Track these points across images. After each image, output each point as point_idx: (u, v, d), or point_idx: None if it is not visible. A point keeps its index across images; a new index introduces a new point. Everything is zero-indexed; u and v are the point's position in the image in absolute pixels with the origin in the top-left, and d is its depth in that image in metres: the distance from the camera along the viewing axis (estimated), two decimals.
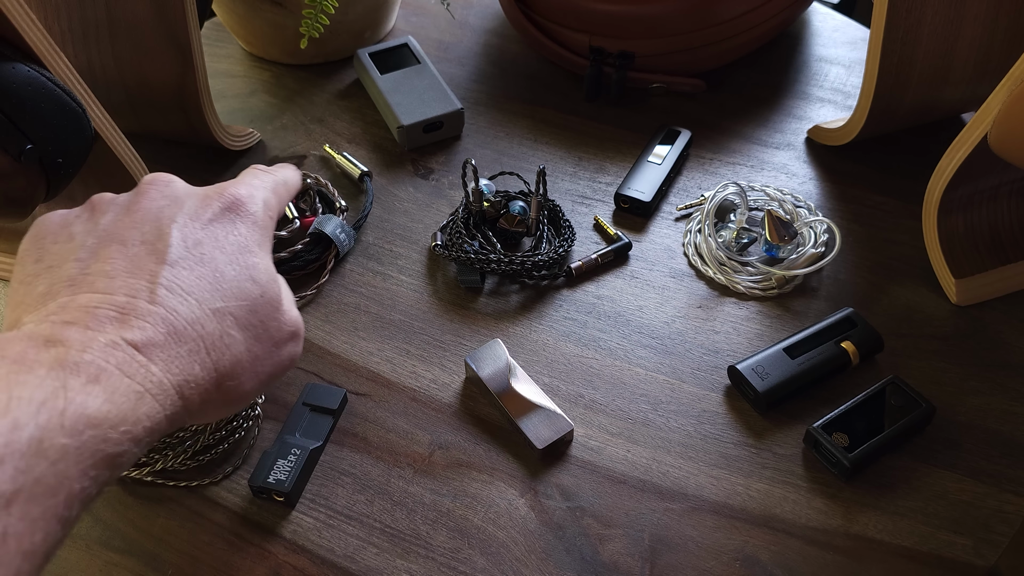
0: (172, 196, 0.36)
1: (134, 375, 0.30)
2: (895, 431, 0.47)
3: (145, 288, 0.32)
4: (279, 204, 0.41)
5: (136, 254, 0.33)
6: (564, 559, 0.44)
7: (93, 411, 0.28)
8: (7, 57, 0.44)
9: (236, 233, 0.36)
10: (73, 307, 0.31)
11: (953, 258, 0.56)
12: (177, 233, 0.34)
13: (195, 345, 0.32)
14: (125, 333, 0.30)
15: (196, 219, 0.35)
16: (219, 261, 0.34)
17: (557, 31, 0.71)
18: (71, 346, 0.29)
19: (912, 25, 0.55)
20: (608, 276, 0.58)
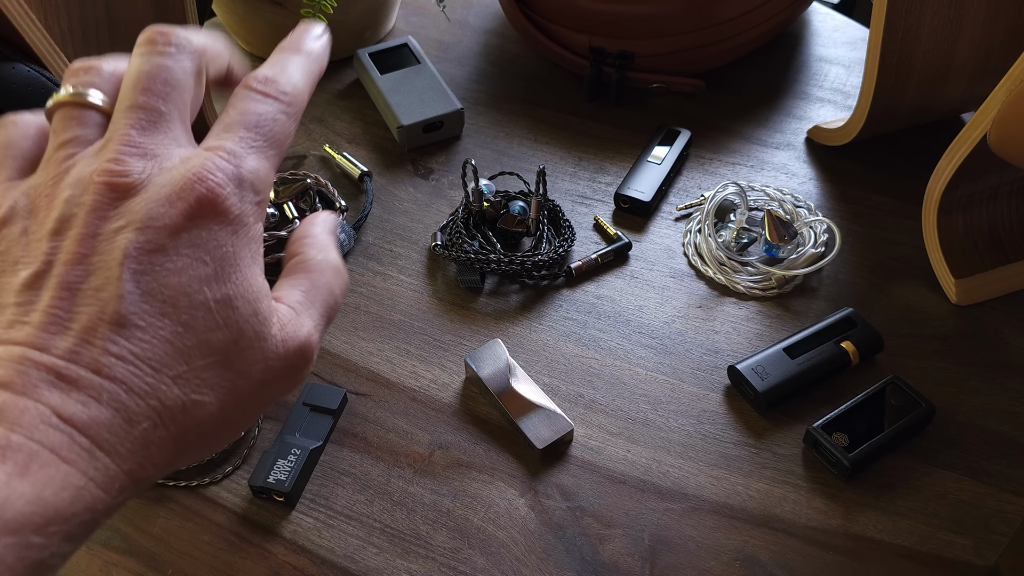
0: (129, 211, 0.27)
1: (74, 461, 0.24)
2: (895, 431, 0.47)
3: (87, 353, 0.25)
4: (279, 155, 0.31)
5: (80, 303, 0.26)
6: (564, 559, 0.44)
7: (13, 513, 0.23)
8: (7, 57, 0.44)
9: (206, 251, 0.27)
10: (6, 360, 0.25)
11: (953, 258, 0.56)
12: (128, 275, 0.26)
13: (150, 423, 0.26)
14: (63, 407, 0.25)
15: (154, 241, 0.27)
16: (181, 307, 0.27)
17: (557, 31, 0.71)
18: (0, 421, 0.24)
19: (912, 25, 0.55)
20: (608, 276, 0.58)
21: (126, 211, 0.27)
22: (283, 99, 0.31)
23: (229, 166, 0.28)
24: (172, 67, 0.29)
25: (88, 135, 0.30)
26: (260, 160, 0.29)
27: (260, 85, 0.30)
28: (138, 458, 0.26)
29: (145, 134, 0.28)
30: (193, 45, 0.30)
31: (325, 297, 0.32)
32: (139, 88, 0.29)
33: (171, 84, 0.29)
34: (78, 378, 0.25)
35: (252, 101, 0.30)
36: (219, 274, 0.28)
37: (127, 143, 0.28)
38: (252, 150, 0.29)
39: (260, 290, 0.29)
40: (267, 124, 0.30)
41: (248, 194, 0.29)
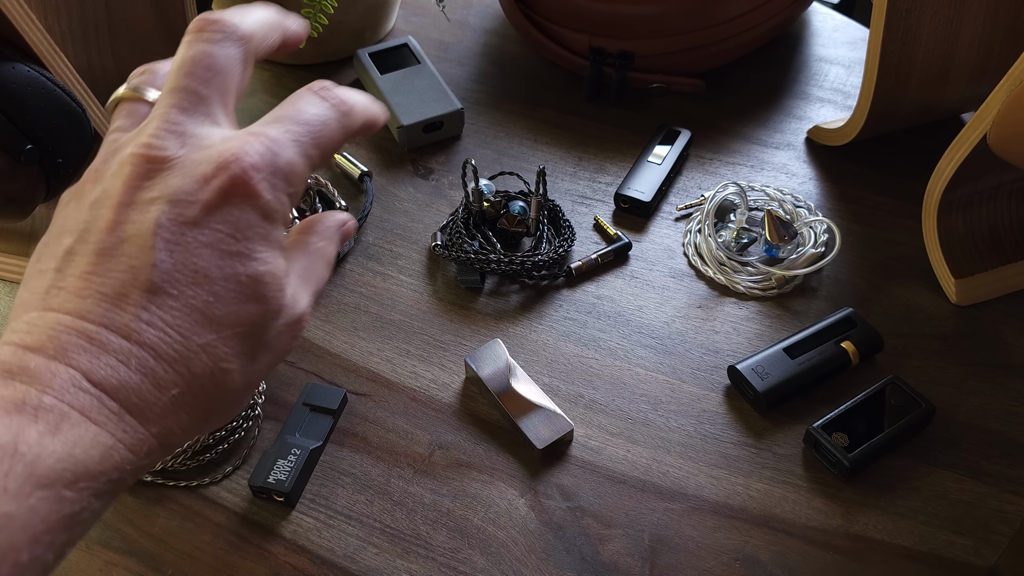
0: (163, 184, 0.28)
1: (103, 423, 0.25)
2: (895, 431, 0.47)
3: (119, 319, 0.26)
4: (321, 158, 0.31)
5: (113, 269, 0.27)
6: (564, 559, 0.44)
7: (45, 470, 0.24)
8: (7, 57, 0.44)
9: (237, 230, 0.28)
10: (40, 327, 0.26)
11: (953, 258, 0.56)
12: (161, 245, 0.27)
13: (179, 390, 0.27)
14: (93, 371, 0.26)
15: (187, 214, 0.28)
16: (213, 278, 0.28)
17: (557, 31, 0.71)
18: (31, 383, 0.25)
19: (912, 25, 0.55)
20: (608, 276, 0.58)
21: (161, 183, 0.28)
22: (341, 108, 0.31)
23: (268, 152, 0.29)
24: (216, 53, 0.30)
25: (137, 123, 0.31)
26: (300, 155, 0.29)
27: (322, 91, 0.31)
28: (167, 422, 0.27)
29: (185, 114, 0.29)
30: (240, 31, 0.31)
31: (316, 281, 0.33)
32: (183, 72, 0.30)
33: (213, 69, 0.30)
34: (108, 342, 0.26)
35: (308, 101, 0.31)
36: (249, 252, 0.28)
37: (166, 121, 0.29)
38: (295, 144, 0.29)
39: (283, 269, 0.30)
40: (317, 125, 0.30)
41: (280, 183, 0.29)
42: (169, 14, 0.56)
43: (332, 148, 0.31)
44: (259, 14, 0.32)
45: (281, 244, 0.30)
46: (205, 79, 0.30)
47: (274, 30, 0.33)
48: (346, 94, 0.32)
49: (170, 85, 0.30)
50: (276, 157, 0.29)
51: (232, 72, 0.30)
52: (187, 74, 0.30)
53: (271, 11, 0.33)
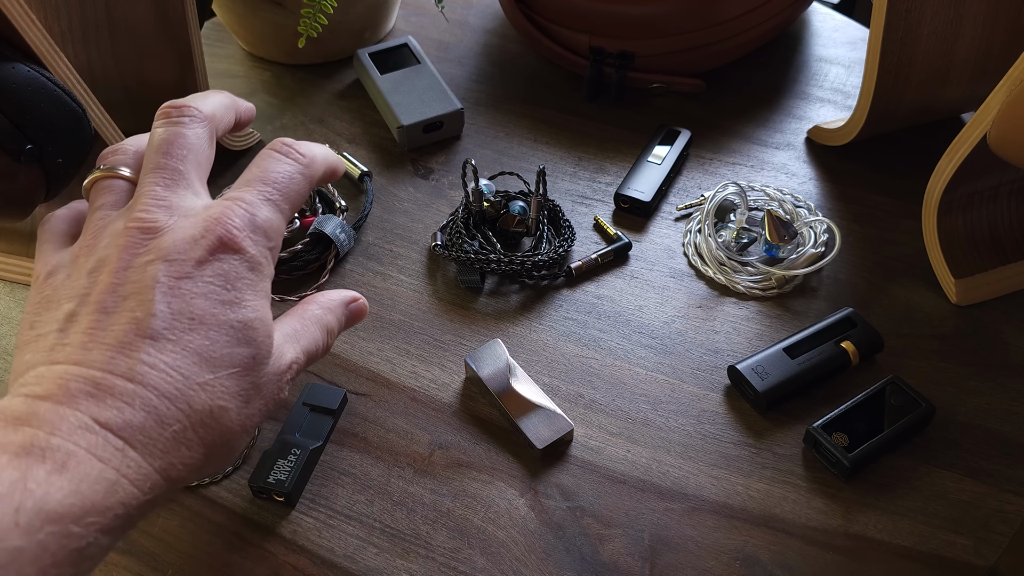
0: (157, 247, 0.31)
1: (108, 459, 0.27)
2: (895, 431, 0.47)
3: (124, 363, 0.28)
4: (292, 208, 0.35)
5: (115, 322, 0.29)
6: (564, 559, 0.44)
7: (54, 505, 0.25)
8: (7, 57, 0.44)
9: (227, 280, 0.31)
10: (48, 378, 0.28)
11: (953, 258, 0.56)
12: (160, 297, 0.29)
13: (180, 425, 0.29)
14: (100, 413, 0.27)
15: (181, 269, 0.30)
16: (208, 324, 0.30)
17: (557, 31, 0.71)
18: (40, 427, 0.26)
19: (912, 25, 0.55)
20: (608, 276, 0.58)
21: (155, 247, 0.31)
22: (301, 161, 0.35)
23: (246, 213, 0.32)
24: (187, 134, 0.34)
25: (119, 200, 0.34)
26: (274, 212, 0.33)
27: (282, 147, 0.35)
28: (169, 457, 0.28)
29: (168, 189, 0.32)
30: (203, 113, 0.35)
31: (308, 342, 0.36)
32: (160, 152, 0.33)
33: (187, 147, 0.34)
34: (113, 386, 0.28)
35: (272, 160, 0.34)
36: (239, 300, 0.31)
37: (152, 197, 0.32)
38: (268, 202, 0.33)
39: (271, 319, 0.33)
40: (283, 181, 0.34)
41: (261, 239, 0.33)
42: (169, 14, 0.56)
43: (300, 198, 0.35)
44: (216, 99, 0.36)
45: (267, 295, 0.33)
46: (181, 157, 0.33)
47: (229, 111, 0.37)
48: (306, 148, 0.36)
49: (151, 165, 0.33)
50: (254, 217, 0.32)
51: (203, 149, 0.34)
52: (165, 153, 0.33)
53: (224, 96, 0.37)
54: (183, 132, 0.34)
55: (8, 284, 0.59)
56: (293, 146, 0.35)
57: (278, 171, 0.34)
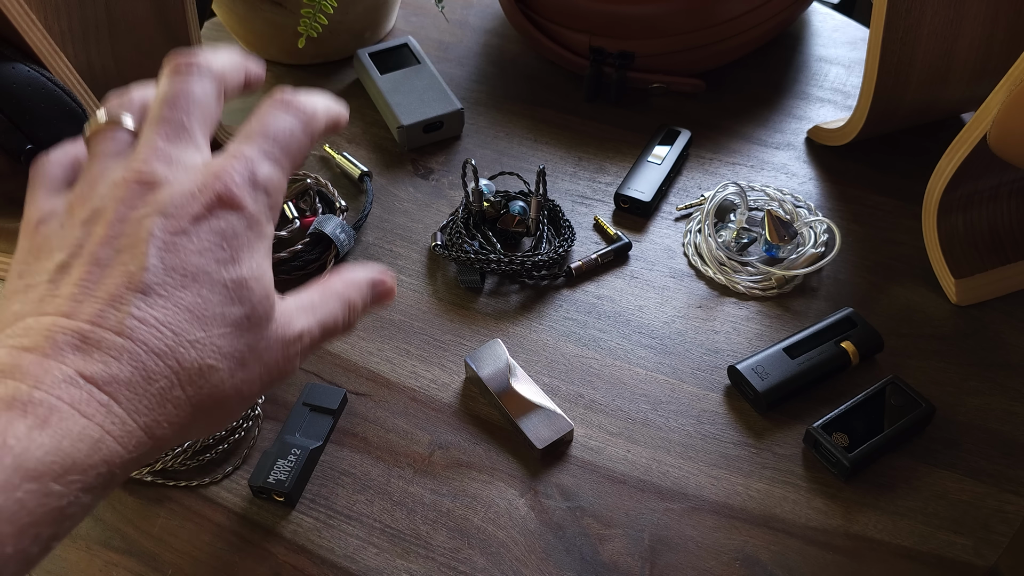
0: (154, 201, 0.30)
1: (92, 415, 0.26)
2: (895, 431, 0.47)
3: (113, 317, 0.28)
4: (293, 163, 0.34)
5: (107, 276, 0.29)
6: (564, 559, 0.44)
7: (34, 462, 0.24)
8: (7, 57, 0.44)
9: (224, 238, 0.30)
10: (36, 330, 0.27)
11: (953, 258, 0.56)
12: (154, 251, 0.29)
13: (167, 382, 0.28)
14: (86, 367, 0.27)
15: (178, 225, 0.30)
16: (201, 282, 0.29)
17: (557, 31, 0.71)
18: (23, 379, 0.26)
19: (912, 25, 0.55)
20: (608, 276, 0.58)
21: (152, 200, 0.30)
22: (302, 116, 0.34)
23: (246, 170, 0.31)
24: (194, 88, 0.33)
25: (120, 150, 0.33)
26: (274, 168, 0.32)
27: (284, 97, 0.34)
28: (154, 414, 0.28)
29: (169, 142, 0.31)
30: (213, 70, 0.34)
31: (325, 315, 0.34)
32: (166, 104, 0.32)
33: (193, 101, 0.33)
34: (101, 340, 0.27)
35: (273, 114, 0.33)
36: (236, 258, 0.31)
37: (153, 148, 0.31)
38: (268, 157, 0.32)
39: (271, 279, 0.32)
40: (284, 136, 0.33)
41: (261, 195, 0.32)
42: (169, 14, 0.56)
43: (302, 153, 0.34)
44: (226, 56, 0.35)
45: (266, 254, 0.32)
46: (187, 110, 0.32)
47: (239, 70, 0.36)
48: (307, 102, 0.34)
49: (155, 116, 0.32)
50: (254, 173, 0.31)
51: (210, 105, 0.33)
52: (170, 106, 0.32)
53: (235, 54, 0.36)
54: (192, 86, 0.33)
55: None
56: (294, 100, 0.34)
57: (279, 126, 0.33)
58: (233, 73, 0.35)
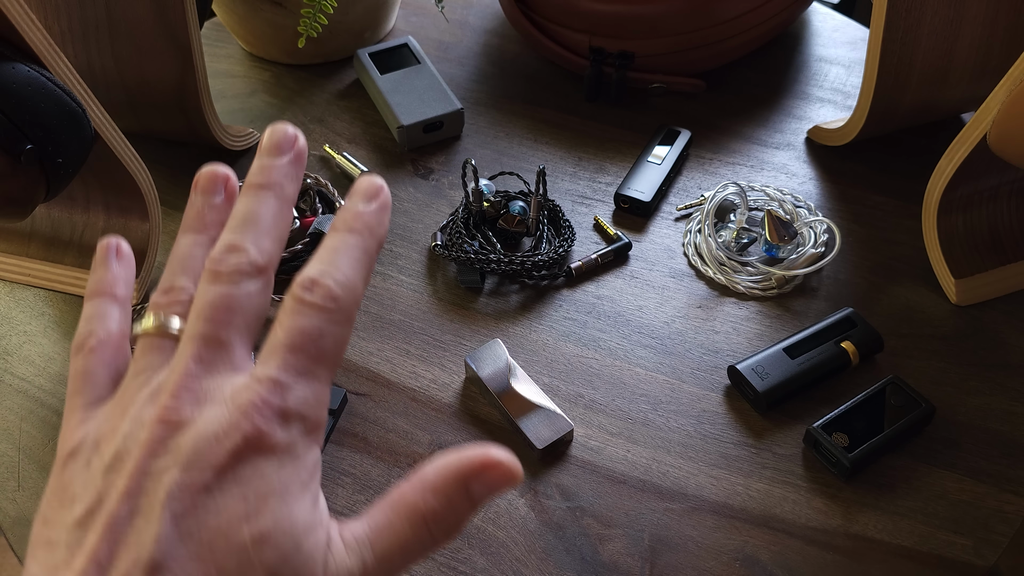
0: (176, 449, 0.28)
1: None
2: (895, 431, 0.47)
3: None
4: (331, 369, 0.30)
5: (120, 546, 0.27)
6: (564, 559, 0.44)
7: None
8: (7, 57, 0.44)
9: (249, 487, 0.27)
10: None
11: (953, 258, 0.56)
12: (168, 518, 0.27)
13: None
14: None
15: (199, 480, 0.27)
16: (217, 548, 0.27)
17: (557, 31, 0.71)
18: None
19: (912, 25, 0.55)
20: (608, 276, 0.58)
21: (174, 448, 0.28)
22: (330, 306, 0.29)
23: (275, 400, 0.28)
24: (235, 294, 0.30)
25: (163, 362, 0.31)
26: (308, 387, 0.29)
27: (305, 293, 0.29)
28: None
29: (203, 365, 0.29)
30: (260, 262, 0.30)
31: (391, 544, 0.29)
32: (203, 317, 0.29)
33: (233, 310, 0.30)
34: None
35: (297, 315, 0.29)
36: (259, 510, 0.27)
37: (184, 375, 0.29)
38: (299, 377, 0.29)
39: (307, 523, 0.28)
40: (313, 342, 0.29)
41: (296, 424, 0.28)
42: (169, 14, 0.56)
43: (341, 349, 0.30)
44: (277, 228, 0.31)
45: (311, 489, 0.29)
46: (225, 322, 0.30)
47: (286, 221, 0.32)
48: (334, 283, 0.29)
49: (190, 331, 0.30)
50: (284, 402, 0.28)
51: (252, 308, 0.30)
52: (207, 319, 0.29)
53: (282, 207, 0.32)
54: (231, 292, 0.30)
55: (8, 284, 0.59)
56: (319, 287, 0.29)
57: (304, 330, 0.29)
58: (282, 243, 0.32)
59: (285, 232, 0.32)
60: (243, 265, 0.30)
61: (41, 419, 0.51)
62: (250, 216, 0.31)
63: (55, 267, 0.58)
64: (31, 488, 0.48)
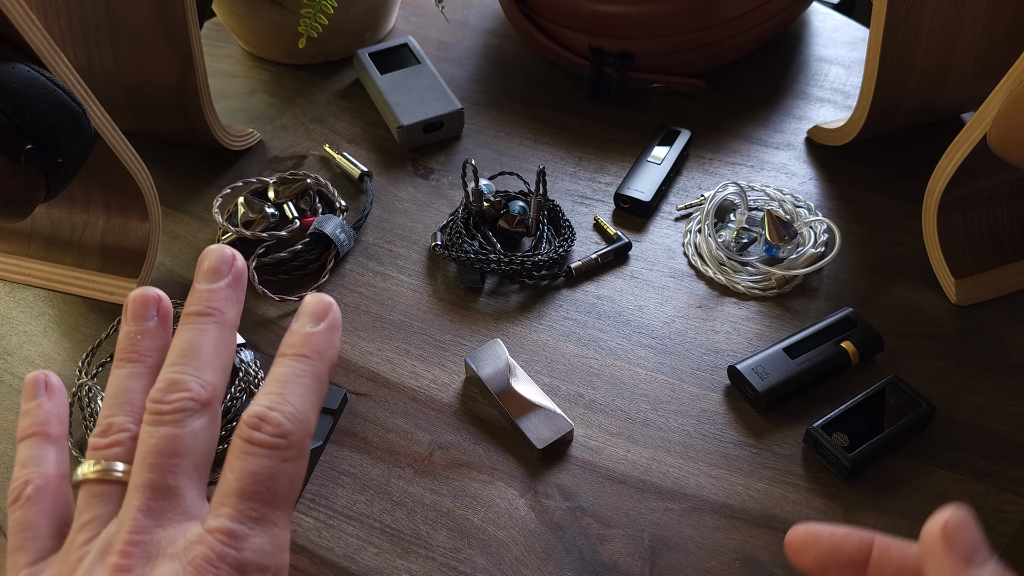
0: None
1: None
2: (895, 431, 0.47)
3: None
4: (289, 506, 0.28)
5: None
6: (564, 559, 0.44)
7: None
8: (7, 57, 0.44)
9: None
10: None
11: (953, 258, 0.56)
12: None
13: None
14: None
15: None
16: None
17: (557, 31, 0.71)
18: None
19: (912, 25, 0.55)
20: (608, 276, 0.58)
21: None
22: (280, 443, 0.28)
23: (229, 552, 0.26)
24: (180, 435, 0.28)
25: (109, 512, 0.29)
26: (264, 533, 0.27)
27: (253, 432, 0.27)
28: None
29: (152, 517, 0.27)
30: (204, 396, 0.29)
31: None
32: (148, 464, 0.28)
33: (180, 454, 0.28)
34: None
35: (247, 457, 0.27)
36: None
37: (134, 531, 0.27)
38: (254, 524, 0.27)
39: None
40: (265, 485, 0.27)
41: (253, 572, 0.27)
42: (169, 14, 0.56)
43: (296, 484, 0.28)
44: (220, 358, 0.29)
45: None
46: (171, 467, 0.28)
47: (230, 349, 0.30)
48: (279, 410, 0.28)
49: (136, 480, 0.28)
50: (240, 553, 0.27)
51: (200, 448, 0.28)
52: (151, 466, 0.28)
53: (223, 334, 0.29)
54: (175, 433, 0.28)
55: (8, 284, 0.59)
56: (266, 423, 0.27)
57: (255, 473, 0.27)
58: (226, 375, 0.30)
59: (229, 360, 0.30)
60: (186, 403, 0.28)
61: None
62: (190, 348, 0.29)
63: (55, 267, 0.58)
64: None
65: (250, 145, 0.68)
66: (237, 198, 0.61)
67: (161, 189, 0.64)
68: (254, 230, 0.59)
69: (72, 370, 0.54)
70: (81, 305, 0.58)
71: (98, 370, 0.53)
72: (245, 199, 0.60)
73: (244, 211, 0.59)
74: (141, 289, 0.31)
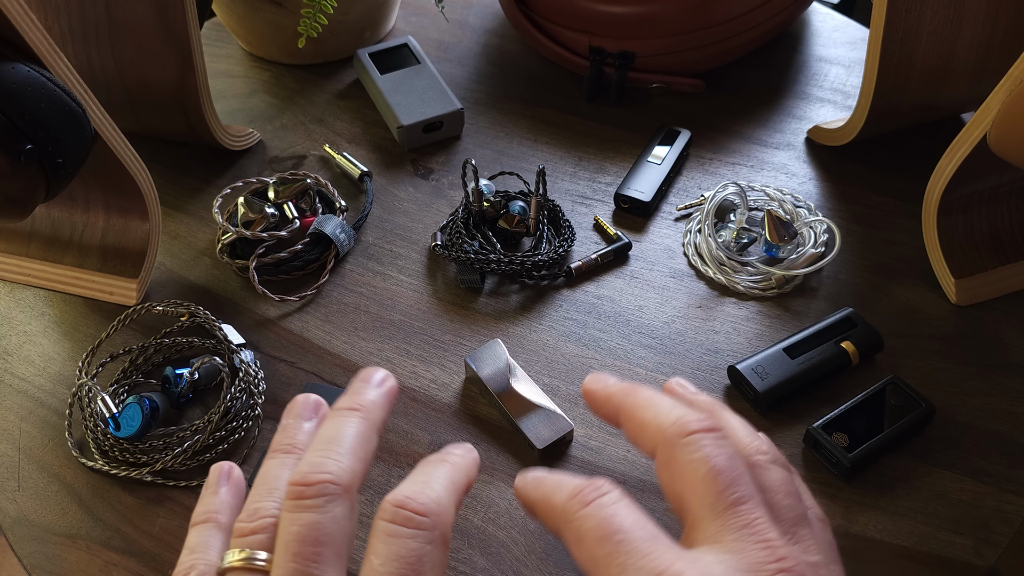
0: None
1: None
2: (895, 431, 0.47)
3: None
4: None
5: None
6: (564, 559, 0.44)
7: None
8: (7, 57, 0.44)
9: None
10: None
11: (953, 258, 0.56)
12: None
13: None
14: None
15: None
16: None
17: (557, 31, 0.71)
18: None
19: (912, 25, 0.55)
20: (608, 276, 0.58)
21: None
22: (424, 525, 0.28)
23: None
24: (322, 521, 0.28)
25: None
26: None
27: (395, 514, 0.28)
28: None
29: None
30: (344, 481, 0.29)
31: None
32: (290, 554, 0.28)
33: (322, 542, 0.28)
34: None
35: (390, 540, 0.28)
36: None
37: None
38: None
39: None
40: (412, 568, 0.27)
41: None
42: (169, 14, 0.56)
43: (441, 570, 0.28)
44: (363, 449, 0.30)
45: None
46: (314, 556, 0.28)
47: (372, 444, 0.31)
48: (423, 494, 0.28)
49: (279, 571, 0.28)
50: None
51: (341, 535, 0.28)
52: (296, 555, 0.28)
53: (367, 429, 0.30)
54: (316, 520, 0.28)
55: (8, 284, 0.59)
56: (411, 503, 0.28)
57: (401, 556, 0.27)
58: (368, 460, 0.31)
59: (370, 455, 0.30)
60: (327, 486, 0.28)
61: (41, 419, 0.51)
62: (334, 436, 0.30)
63: (55, 267, 0.58)
64: (31, 488, 0.48)
65: (250, 145, 0.68)
66: (237, 198, 0.61)
67: (161, 189, 0.64)
68: (254, 230, 0.59)
69: (72, 370, 0.54)
70: (81, 305, 0.58)
71: (98, 370, 0.53)
72: (245, 199, 0.60)
73: (244, 211, 0.59)
74: (307, 395, 0.33)
